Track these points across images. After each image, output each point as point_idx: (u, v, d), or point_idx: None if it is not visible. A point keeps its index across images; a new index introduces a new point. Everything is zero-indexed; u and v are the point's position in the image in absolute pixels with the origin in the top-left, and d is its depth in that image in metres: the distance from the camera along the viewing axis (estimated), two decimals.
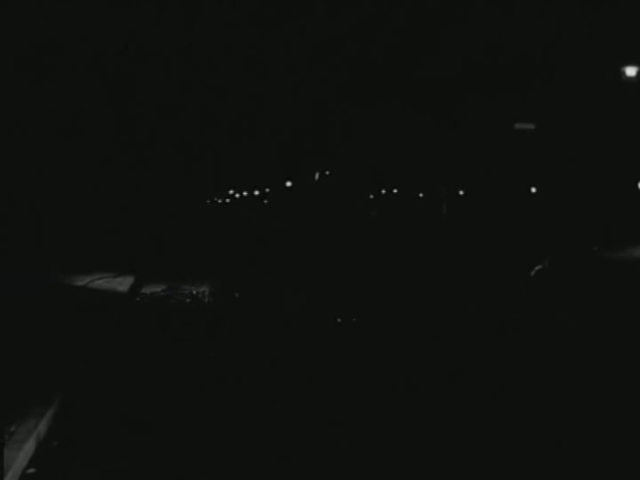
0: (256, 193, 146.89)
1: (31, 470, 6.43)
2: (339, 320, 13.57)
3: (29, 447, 6.68)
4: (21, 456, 6.40)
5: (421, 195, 74.89)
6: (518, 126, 41.25)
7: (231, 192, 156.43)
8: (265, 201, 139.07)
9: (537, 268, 18.77)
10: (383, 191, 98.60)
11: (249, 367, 10.28)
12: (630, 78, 27.53)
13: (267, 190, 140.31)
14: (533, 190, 53.31)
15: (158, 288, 18.09)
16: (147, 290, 17.86)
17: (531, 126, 41.13)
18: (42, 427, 7.23)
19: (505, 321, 13.68)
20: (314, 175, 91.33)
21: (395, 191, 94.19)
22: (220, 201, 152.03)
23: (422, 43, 45.21)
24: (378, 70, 52.02)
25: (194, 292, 17.61)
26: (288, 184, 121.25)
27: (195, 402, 8.53)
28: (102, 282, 17.89)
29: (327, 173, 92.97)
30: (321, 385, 9.27)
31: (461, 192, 66.18)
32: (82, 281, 17.58)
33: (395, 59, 48.24)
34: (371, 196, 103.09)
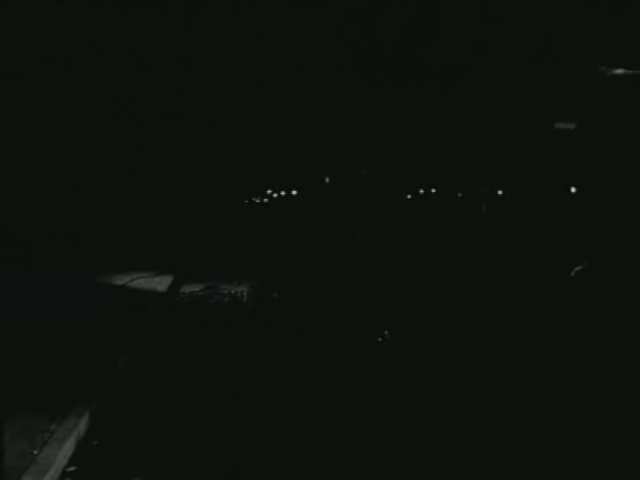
0: (294, 193, 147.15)
1: (71, 468, 6.48)
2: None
3: (69, 446, 6.75)
4: (61, 454, 6.46)
5: (460, 195, 74.53)
6: (558, 125, 40.88)
7: (269, 192, 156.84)
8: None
9: (577, 269, 18.58)
10: (421, 191, 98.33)
11: (286, 369, 10.27)
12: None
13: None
14: (573, 190, 52.88)
15: (197, 288, 18.15)
16: (186, 290, 17.92)
17: (572, 125, 40.74)
18: (82, 426, 7.29)
19: (544, 325, 13.52)
20: (359, 173, 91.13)
21: (433, 190, 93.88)
22: (258, 201, 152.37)
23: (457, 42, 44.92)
24: (414, 66, 51.78)
25: (233, 292, 17.64)
26: (326, 180, 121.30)
27: (233, 403, 8.54)
28: (142, 281, 17.97)
29: (365, 173, 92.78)
30: (358, 400, 9.23)
31: (500, 192, 65.83)
32: (121, 280, 17.69)
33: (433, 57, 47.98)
34: (408, 196, 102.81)
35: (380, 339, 12.40)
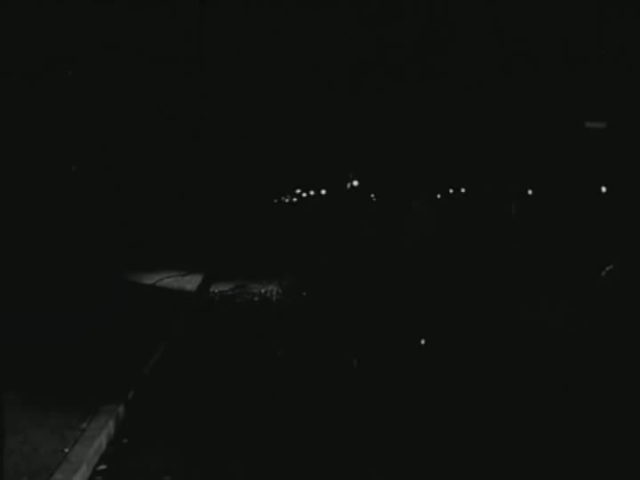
0: (323, 192, 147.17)
1: (102, 467, 6.50)
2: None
3: (100, 444, 6.77)
4: (92, 452, 6.48)
5: (489, 195, 74.22)
6: (589, 125, 40.57)
7: (298, 191, 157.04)
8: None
9: (608, 268, 18.43)
10: (451, 190, 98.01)
11: (315, 369, 10.25)
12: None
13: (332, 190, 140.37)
14: (603, 189, 52.49)
15: (226, 287, 18.18)
16: (215, 289, 17.96)
17: (602, 125, 40.42)
18: (112, 424, 7.32)
19: (575, 327, 13.40)
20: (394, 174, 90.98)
21: (463, 190, 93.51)
22: (287, 200, 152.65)
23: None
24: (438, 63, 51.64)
25: (262, 291, 17.65)
26: (355, 183, 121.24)
27: (263, 403, 8.53)
28: (171, 280, 18.03)
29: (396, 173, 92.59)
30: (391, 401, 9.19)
31: (530, 191, 65.44)
32: (151, 280, 17.75)
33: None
34: (438, 195, 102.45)
35: (417, 340, 12.35)
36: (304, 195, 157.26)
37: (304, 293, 17.50)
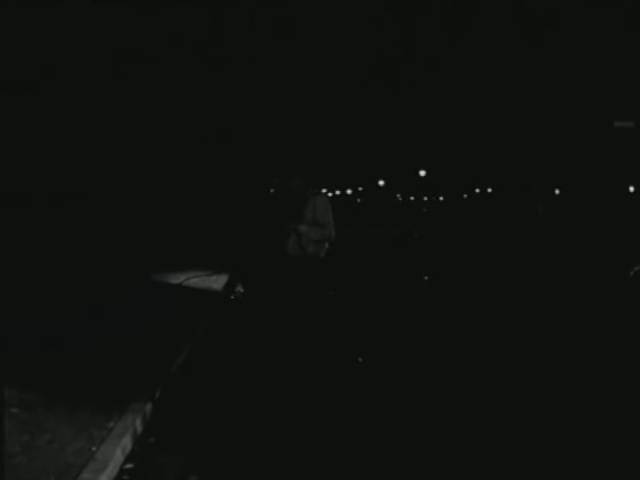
0: (348, 192, 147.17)
1: (129, 465, 6.51)
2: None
3: (126, 443, 6.78)
4: (119, 451, 6.49)
5: (516, 194, 73.91)
6: (617, 124, 40.28)
7: (324, 191, 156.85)
8: (358, 200, 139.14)
9: (636, 268, 18.27)
10: (477, 190, 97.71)
11: (340, 369, 10.23)
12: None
13: (360, 189, 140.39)
14: (631, 189, 52.12)
15: None
16: (241, 289, 17.93)
17: (630, 124, 40.11)
18: (139, 423, 7.33)
19: (601, 329, 13.27)
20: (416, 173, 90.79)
21: (490, 190, 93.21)
22: None
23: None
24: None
25: None
26: (381, 183, 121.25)
27: (290, 404, 8.51)
28: (197, 280, 18.07)
29: (422, 173, 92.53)
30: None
31: (557, 191, 65.12)
32: (177, 279, 17.80)
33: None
34: (464, 195, 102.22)
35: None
36: (329, 195, 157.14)
37: (331, 293, 17.47)
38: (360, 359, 10.54)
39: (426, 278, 20.28)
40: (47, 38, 12.05)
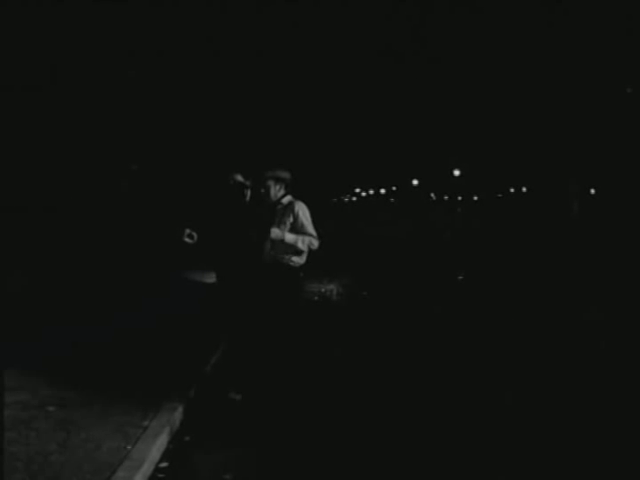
0: (382, 191, 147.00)
1: (164, 464, 6.52)
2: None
3: (162, 441, 6.79)
4: (154, 450, 6.50)
5: (549, 194, 73.24)
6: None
7: (357, 190, 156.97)
8: (392, 199, 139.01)
9: None
10: (512, 189, 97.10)
11: (373, 369, 10.19)
12: None
13: (393, 188, 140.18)
14: None
15: None
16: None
17: None
18: (174, 422, 7.34)
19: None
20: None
21: (524, 189, 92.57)
22: (346, 199, 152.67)
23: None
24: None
25: (322, 290, 17.65)
26: (415, 182, 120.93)
27: (322, 402, 8.49)
28: None
29: (457, 172, 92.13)
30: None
31: (593, 190, 64.46)
32: (212, 279, 17.80)
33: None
34: (499, 195, 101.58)
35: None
36: (363, 194, 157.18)
37: (365, 293, 17.45)
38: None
39: (460, 278, 20.19)
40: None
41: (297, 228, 8.22)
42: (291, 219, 8.23)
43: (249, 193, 9.15)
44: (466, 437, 7.23)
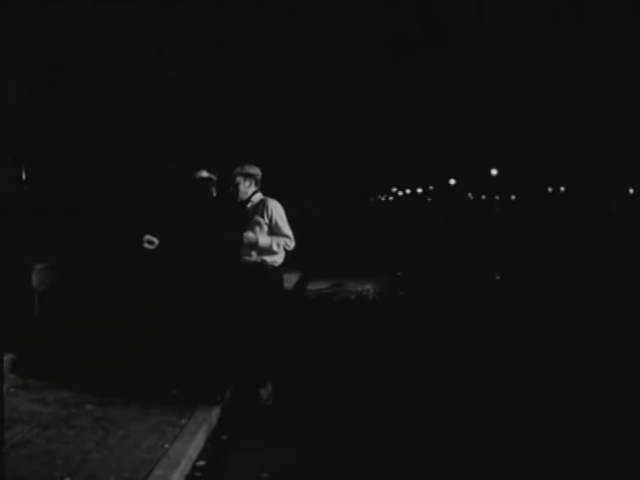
0: (419, 191, 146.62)
1: (201, 463, 6.54)
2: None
3: (199, 440, 6.81)
4: (191, 448, 6.52)
5: (588, 193, 72.64)
6: None
7: (394, 190, 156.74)
8: (429, 199, 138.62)
9: None
10: (550, 189, 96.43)
11: (412, 369, 10.15)
12: None
13: (430, 188, 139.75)
14: None
15: (323, 285, 18.20)
16: (312, 287, 18.00)
17: None
18: (212, 420, 7.36)
19: None
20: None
21: (562, 189, 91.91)
22: (383, 199, 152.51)
23: None
24: None
25: (359, 289, 17.62)
26: (452, 182, 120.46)
27: (359, 403, 8.47)
28: None
29: (494, 172, 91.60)
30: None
31: (631, 190, 63.85)
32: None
33: None
34: (538, 194, 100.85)
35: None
36: (400, 194, 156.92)
37: (402, 292, 17.40)
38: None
39: (497, 277, 20.07)
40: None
41: (272, 228, 8.01)
42: (265, 219, 7.99)
43: (214, 190, 8.62)
44: (488, 441, 7.19)
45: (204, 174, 8.56)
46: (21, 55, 11.17)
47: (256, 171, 8.23)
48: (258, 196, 8.21)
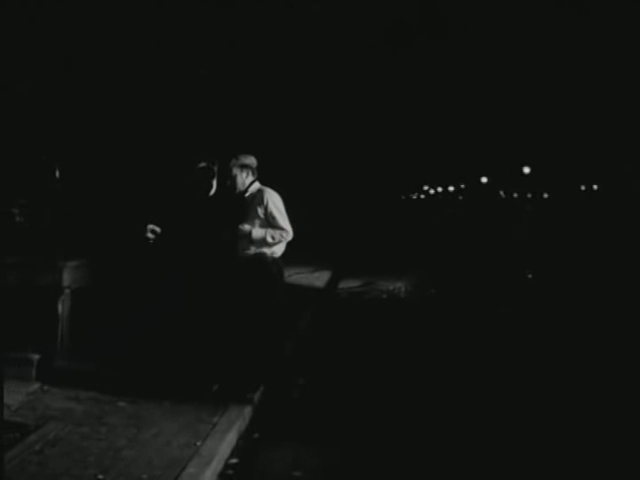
0: (450, 189, 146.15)
1: (233, 460, 6.53)
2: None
3: (231, 438, 6.80)
4: (224, 446, 6.51)
5: (622, 192, 71.94)
6: None
7: (425, 188, 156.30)
8: (460, 197, 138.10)
9: None
10: (582, 187, 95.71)
11: (444, 368, 10.08)
12: None
13: (462, 186, 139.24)
14: None
15: (355, 283, 18.17)
16: (344, 285, 17.98)
17: None
18: (244, 419, 7.35)
19: None
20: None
21: (595, 187, 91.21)
22: (415, 197, 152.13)
23: None
24: None
25: (390, 288, 17.57)
26: (484, 180, 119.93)
27: (393, 401, 8.44)
28: (300, 277, 18.13)
29: (527, 170, 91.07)
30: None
31: None
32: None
33: None
34: (570, 193, 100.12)
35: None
36: (431, 192, 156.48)
37: (433, 291, 17.33)
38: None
39: (530, 276, 19.93)
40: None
41: (267, 219, 7.82)
42: (262, 210, 7.82)
43: (215, 181, 8.35)
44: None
45: (204, 164, 8.37)
46: (53, 53, 11.22)
47: (252, 161, 8.08)
48: (256, 186, 8.04)
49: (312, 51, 23.09)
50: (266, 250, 7.83)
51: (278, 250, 7.96)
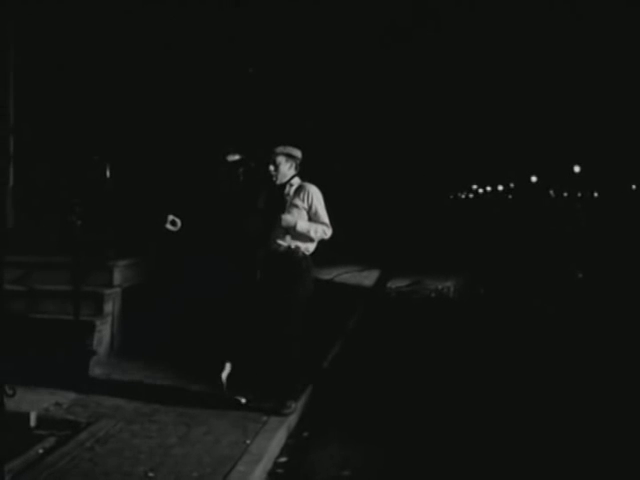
0: (500, 188, 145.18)
1: (282, 459, 6.53)
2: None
3: (281, 436, 6.81)
4: (273, 445, 6.52)
5: None
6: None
7: (474, 187, 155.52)
8: (509, 196, 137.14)
9: None
10: (633, 186, 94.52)
11: (495, 369, 10.01)
12: None
13: (511, 185, 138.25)
14: None
15: (403, 283, 18.11)
16: (392, 284, 17.93)
17: None
18: (293, 417, 7.35)
19: None
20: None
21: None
22: (463, 196, 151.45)
23: None
24: None
25: (439, 287, 17.48)
26: (533, 179, 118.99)
27: (441, 401, 8.39)
28: (348, 276, 18.12)
29: (577, 169, 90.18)
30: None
31: None
32: (328, 275, 17.85)
33: None
34: (595, 194, 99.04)
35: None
36: (480, 191, 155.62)
37: (482, 290, 17.23)
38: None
39: (580, 275, 19.72)
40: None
41: (310, 215, 7.51)
42: (305, 204, 7.48)
43: (242, 173, 8.19)
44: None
45: (235, 157, 8.24)
46: (99, 56, 11.35)
47: (298, 154, 7.69)
48: (297, 180, 7.67)
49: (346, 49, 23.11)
50: (300, 245, 7.51)
51: (311, 247, 7.64)
